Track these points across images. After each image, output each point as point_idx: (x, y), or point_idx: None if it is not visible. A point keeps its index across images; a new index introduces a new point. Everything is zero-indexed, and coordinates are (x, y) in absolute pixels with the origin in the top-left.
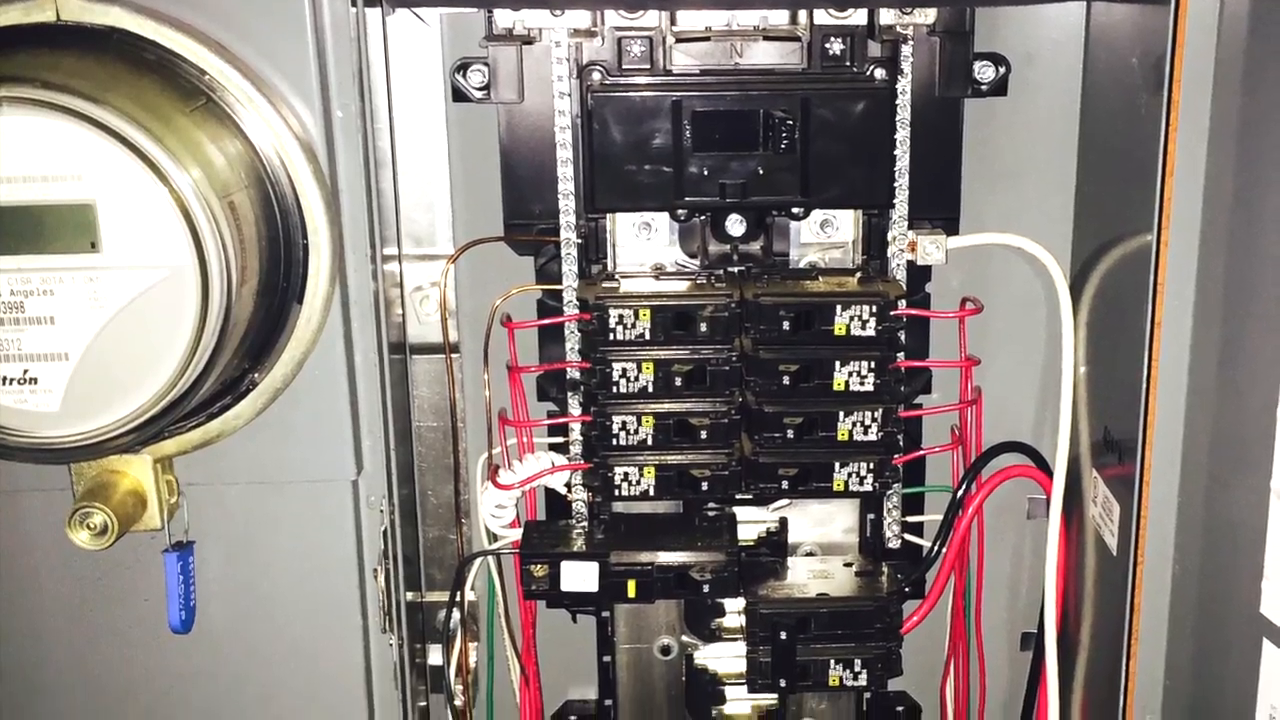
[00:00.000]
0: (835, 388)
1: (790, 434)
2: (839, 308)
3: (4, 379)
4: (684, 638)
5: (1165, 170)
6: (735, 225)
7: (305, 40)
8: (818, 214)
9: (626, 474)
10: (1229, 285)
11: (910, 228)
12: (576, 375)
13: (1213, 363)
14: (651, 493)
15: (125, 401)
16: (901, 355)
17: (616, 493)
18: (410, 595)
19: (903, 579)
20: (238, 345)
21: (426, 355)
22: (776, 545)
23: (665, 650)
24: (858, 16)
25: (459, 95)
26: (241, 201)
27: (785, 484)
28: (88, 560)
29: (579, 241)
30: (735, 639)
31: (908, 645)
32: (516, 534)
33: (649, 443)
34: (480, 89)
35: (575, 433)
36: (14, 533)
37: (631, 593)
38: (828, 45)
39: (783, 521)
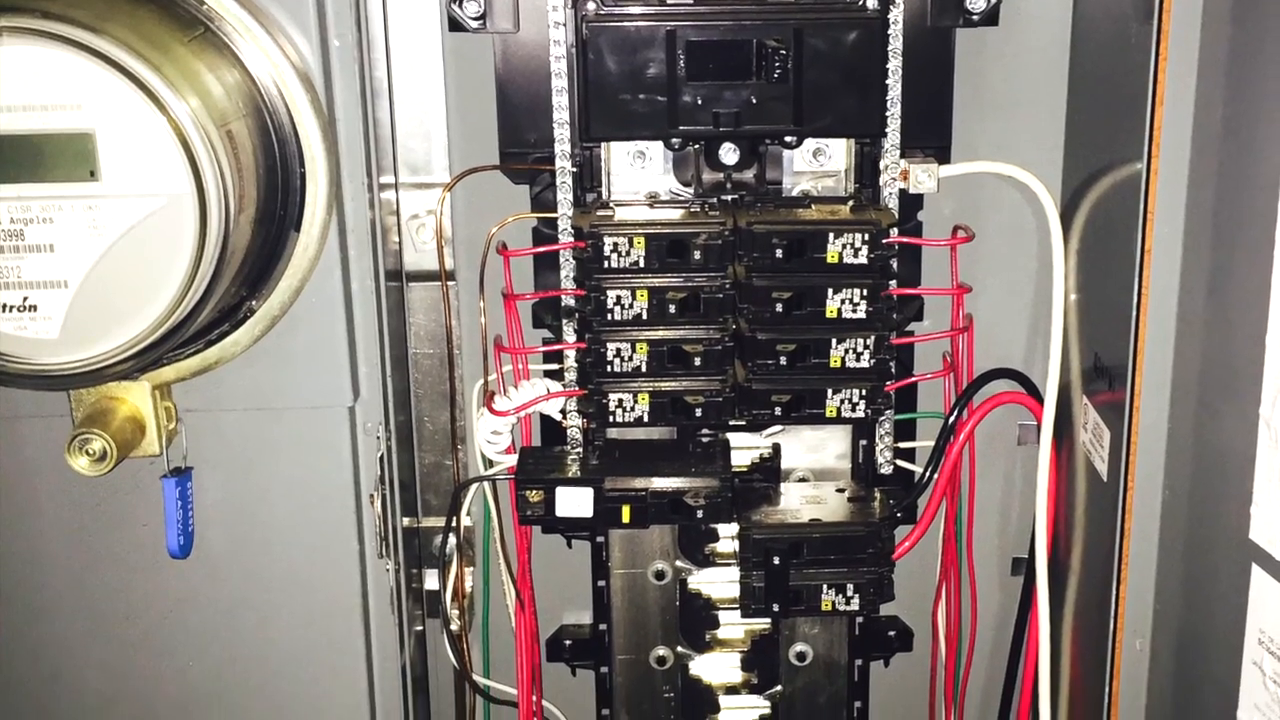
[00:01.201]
0: (828, 315)
1: (783, 360)
2: (831, 235)
3: (4, 306)
4: (678, 563)
5: (1155, 99)
6: (729, 154)
7: None
8: (810, 143)
9: (621, 400)
10: (1218, 213)
11: (902, 156)
12: (571, 302)
13: (1202, 290)
14: (646, 419)
15: (124, 328)
16: (893, 283)
17: (611, 419)
18: (406, 520)
19: (895, 504)
20: (235, 273)
21: (423, 283)
22: (769, 471)
23: (659, 575)
24: None
25: (455, 25)
26: (239, 130)
27: (778, 410)
28: (87, 486)
29: (574, 170)
30: (729, 564)
31: (899, 570)
32: (512, 460)
33: (643, 369)
34: (476, 19)
35: (570, 359)
36: (14, 459)
37: (626, 518)
38: None
39: (776, 447)
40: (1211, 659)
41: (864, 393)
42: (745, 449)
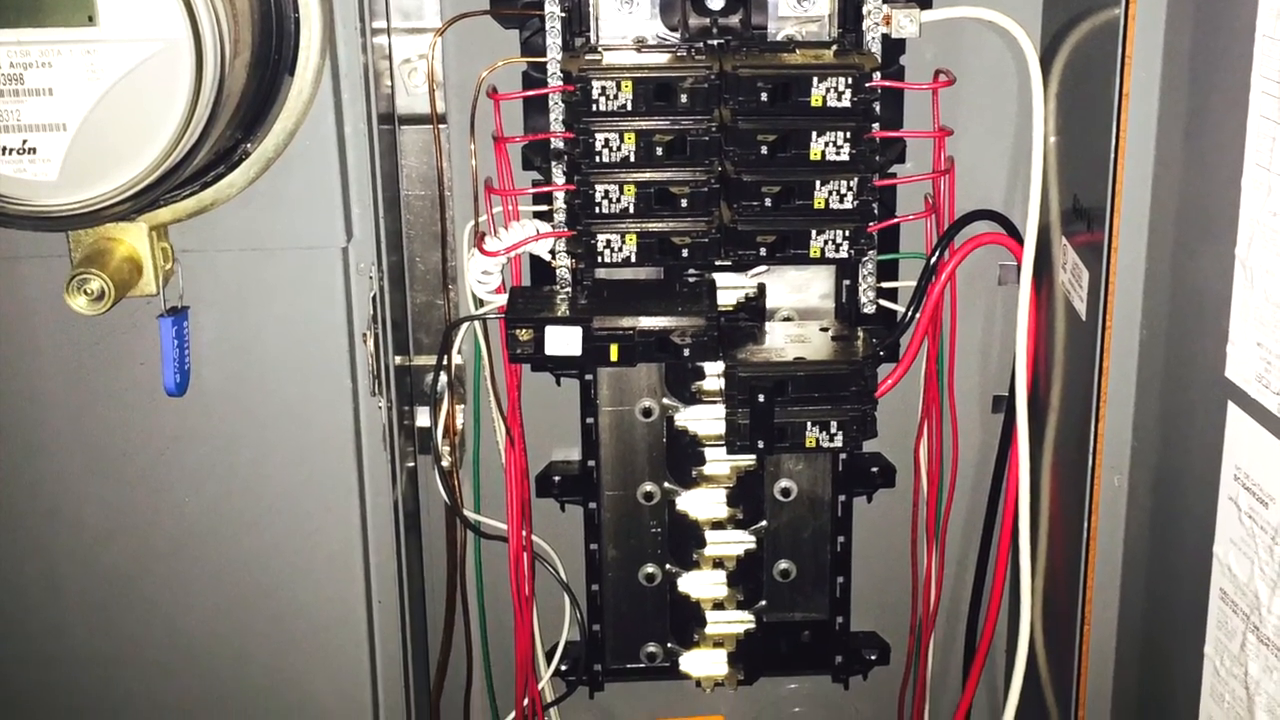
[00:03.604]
0: (812, 157)
1: (768, 202)
2: (816, 79)
3: (4, 149)
4: (665, 400)
5: None
6: None
7: None
8: None
9: (609, 241)
10: (1195, 57)
11: (885, 2)
12: (560, 145)
13: (1179, 133)
14: (633, 259)
15: (121, 170)
16: (876, 126)
17: (599, 259)
18: (398, 359)
19: (877, 343)
20: (231, 116)
21: (414, 126)
22: (755, 310)
23: (647, 412)
24: None
25: None
26: None
27: (763, 251)
28: (85, 325)
29: (563, 15)
30: (715, 402)
31: (882, 408)
32: (502, 299)
33: (631, 211)
34: None
35: (559, 201)
36: (13, 299)
37: (614, 356)
38: None
39: (761, 287)
40: (1188, 494)
41: (847, 233)
42: (731, 289)
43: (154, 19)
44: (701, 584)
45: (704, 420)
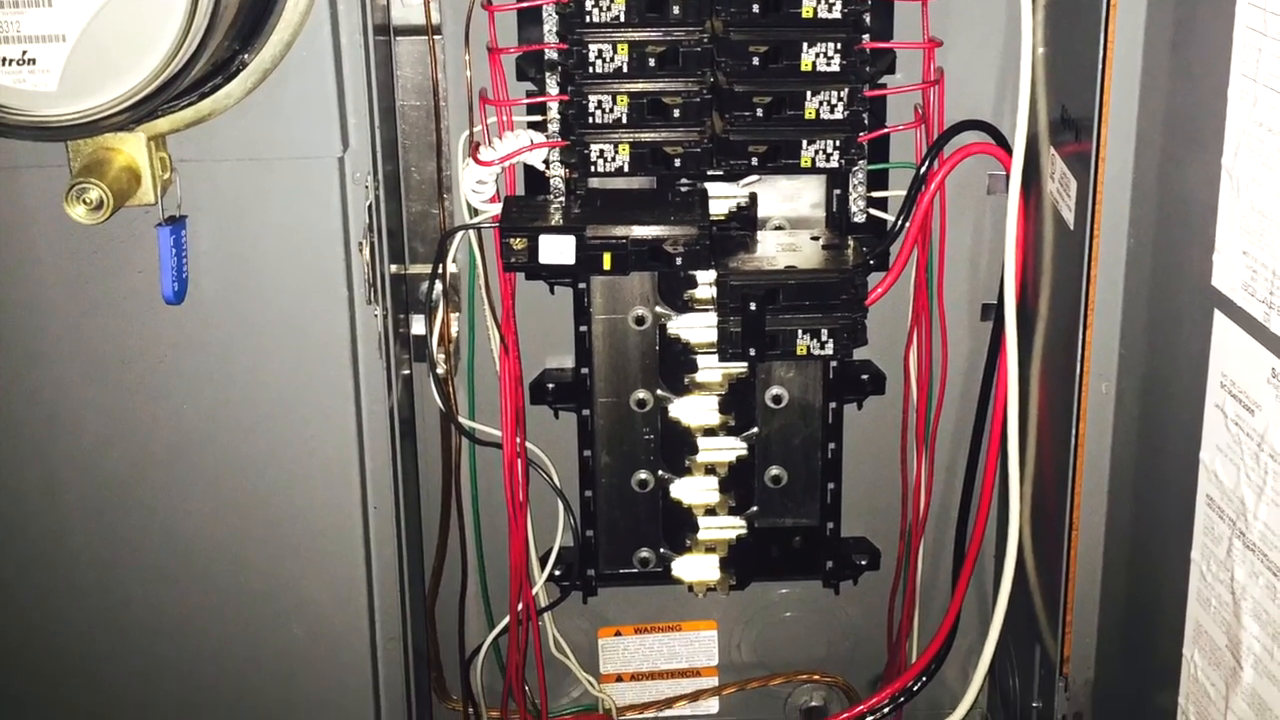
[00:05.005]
0: (803, 68)
1: (760, 112)
2: None
3: (3, 60)
4: (658, 308)
5: None
6: None
7: None
8: None
9: (602, 151)
10: None
11: None
12: (554, 56)
13: (1166, 44)
14: (626, 169)
15: (120, 81)
16: (866, 36)
17: (592, 169)
18: (394, 268)
19: (867, 252)
20: (228, 27)
21: (410, 37)
22: (746, 220)
23: (640, 320)
24: None
25: None
26: None
27: (755, 160)
28: (84, 234)
29: None
30: (707, 310)
31: (872, 316)
32: (496, 209)
33: (624, 121)
34: None
35: (553, 111)
36: (13, 208)
37: (607, 265)
38: None
39: (752, 197)
40: (1175, 402)
41: (838, 143)
42: (723, 198)
43: None
44: (694, 490)
45: (696, 328)
